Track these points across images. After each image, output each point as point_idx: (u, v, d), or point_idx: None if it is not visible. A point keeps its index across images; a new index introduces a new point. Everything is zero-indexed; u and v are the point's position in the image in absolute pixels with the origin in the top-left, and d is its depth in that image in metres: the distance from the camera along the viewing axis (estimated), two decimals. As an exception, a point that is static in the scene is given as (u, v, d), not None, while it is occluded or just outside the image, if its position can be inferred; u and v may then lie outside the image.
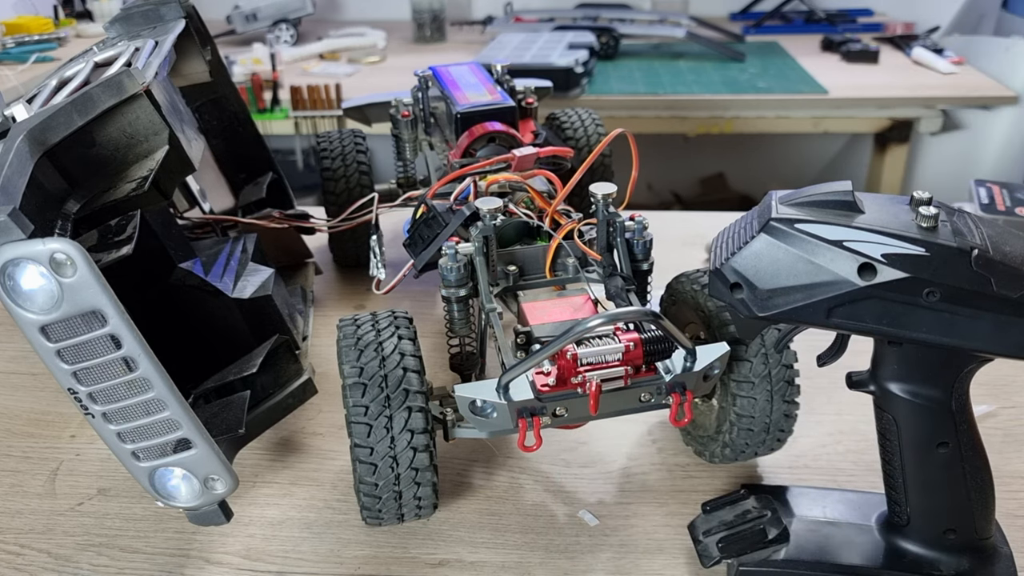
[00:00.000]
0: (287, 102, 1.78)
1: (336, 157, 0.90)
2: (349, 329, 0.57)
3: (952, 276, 0.42)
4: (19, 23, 2.11)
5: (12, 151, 0.46)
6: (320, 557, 0.60)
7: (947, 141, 1.89)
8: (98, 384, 0.47)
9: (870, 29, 2.25)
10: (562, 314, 0.59)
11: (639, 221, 0.62)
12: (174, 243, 0.67)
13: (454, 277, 0.60)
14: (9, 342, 0.87)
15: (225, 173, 0.93)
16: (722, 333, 0.58)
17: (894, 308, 0.43)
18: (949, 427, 0.49)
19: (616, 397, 0.53)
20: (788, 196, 0.47)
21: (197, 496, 0.53)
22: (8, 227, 0.42)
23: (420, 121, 0.89)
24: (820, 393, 0.74)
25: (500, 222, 0.62)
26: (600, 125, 0.95)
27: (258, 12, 2.18)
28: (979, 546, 0.53)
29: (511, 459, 0.68)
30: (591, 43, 1.90)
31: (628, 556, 0.59)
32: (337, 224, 0.86)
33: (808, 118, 1.78)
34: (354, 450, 0.53)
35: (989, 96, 1.75)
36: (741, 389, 0.58)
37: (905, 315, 0.43)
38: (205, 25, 0.80)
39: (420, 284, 0.91)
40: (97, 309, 0.45)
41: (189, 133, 0.66)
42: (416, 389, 0.54)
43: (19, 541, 0.62)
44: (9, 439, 0.73)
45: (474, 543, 0.61)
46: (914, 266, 0.42)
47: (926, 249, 0.42)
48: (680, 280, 0.63)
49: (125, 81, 0.55)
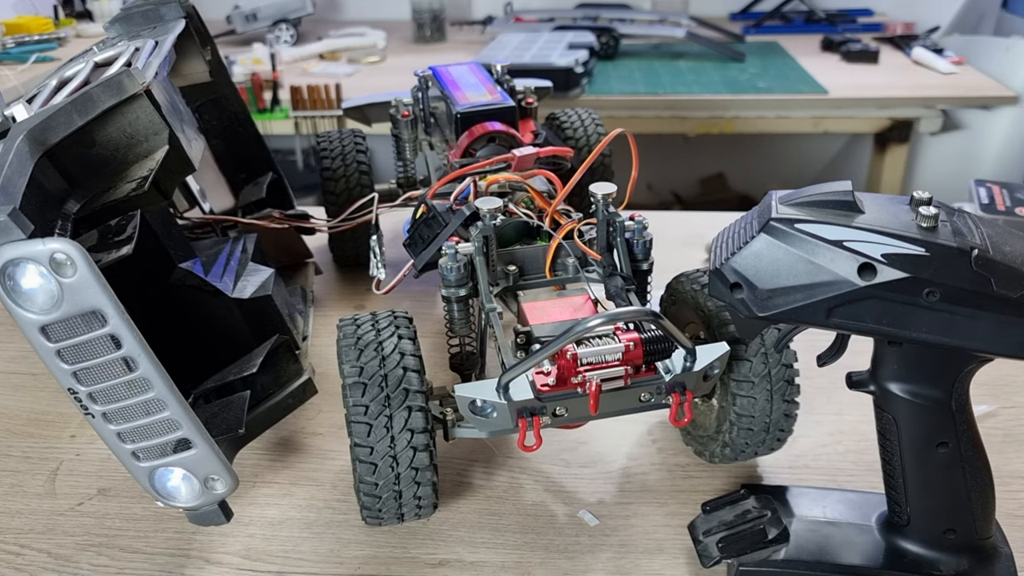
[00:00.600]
0: (287, 102, 1.78)
1: (336, 157, 0.90)
2: (349, 329, 0.57)
3: (952, 276, 0.42)
4: (19, 23, 2.11)
5: (12, 151, 0.46)
6: (320, 557, 0.60)
7: (947, 141, 1.89)
8: (98, 384, 0.47)
9: (870, 29, 2.25)
10: (562, 314, 0.59)
11: (639, 221, 0.62)
12: (174, 243, 0.67)
13: (454, 277, 0.60)
14: (9, 342, 0.87)
15: (225, 173, 0.93)
16: (722, 333, 0.58)
17: (894, 308, 0.43)
18: (949, 427, 0.49)
19: (616, 397, 0.53)
20: (788, 196, 0.47)
21: (197, 496, 0.53)
22: (8, 227, 0.42)
23: (420, 121, 0.89)
24: (820, 393, 0.74)
25: (500, 222, 0.62)
26: (600, 125, 0.95)
27: (258, 12, 2.18)
28: (979, 546, 0.53)
29: (511, 459, 0.68)
30: (591, 43, 1.90)
31: (628, 556, 0.59)
32: (337, 224, 0.86)
33: (808, 118, 1.78)
34: (354, 449, 0.53)
35: (989, 96, 1.75)
36: (741, 389, 0.58)
37: (905, 315, 0.43)
38: (205, 25, 0.80)
39: (420, 284, 0.91)
40: (97, 309, 0.45)
41: (189, 133, 0.66)
42: (416, 388, 0.54)
43: (19, 541, 0.62)
44: (9, 439, 0.73)
45: (474, 543, 0.61)
46: (914, 266, 0.42)
47: (926, 249, 0.42)
48: (680, 280, 0.63)
49: (125, 81, 0.55)
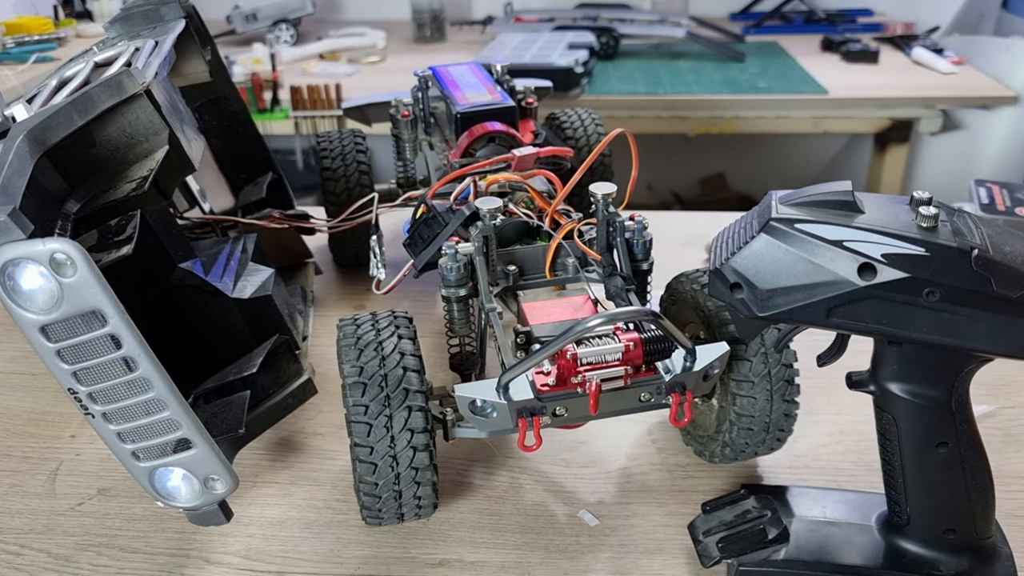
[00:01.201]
0: (287, 102, 1.78)
1: (336, 157, 0.90)
2: (349, 328, 0.57)
3: (952, 276, 0.42)
4: (19, 23, 2.11)
5: (12, 151, 0.46)
6: (320, 557, 0.60)
7: (947, 141, 1.89)
8: (98, 384, 0.47)
9: (870, 29, 2.25)
10: (562, 314, 0.59)
11: (639, 221, 0.62)
12: (174, 243, 0.67)
13: (454, 277, 0.60)
14: (9, 342, 0.87)
15: (225, 173, 0.93)
16: (722, 333, 0.58)
17: (894, 308, 0.43)
18: (949, 427, 0.49)
19: (616, 397, 0.53)
20: (788, 196, 0.47)
21: (197, 496, 0.53)
22: (8, 227, 0.42)
23: (420, 121, 0.89)
24: (820, 393, 0.74)
25: (500, 222, 0.62)
26: (600, 125, 0.95)
27: (258, 12, 2.18)
28: (979, 546, 0.53)
29: (511, 459, 0.68)
30: (591, 43, 1.90)
31: (628, 556, 0.59)
32: (337, 224, 0.86)
33: (808, 118, 1.77)
34: (354, 449, 0.53)
35: (989, 96, 1.75)
36: (741, 388, 0.58)
37: (905, 315, 0.43)
38: (205, 25, 0.80)
39: (420, 284, 0.91)
40: (97, 309, 0.45)
41: (189, 133, 0.66)
42: (416, 388, 0.54)
43: (19, 541, 0.62)
44: (9, 439, 0.73)
45: (474, 543, 0.61)
46: (914, 266, 0.42)
47: (926, 249, 0.42)
48: (680, 280, 0.63)
49: (125, 81, 0.55)
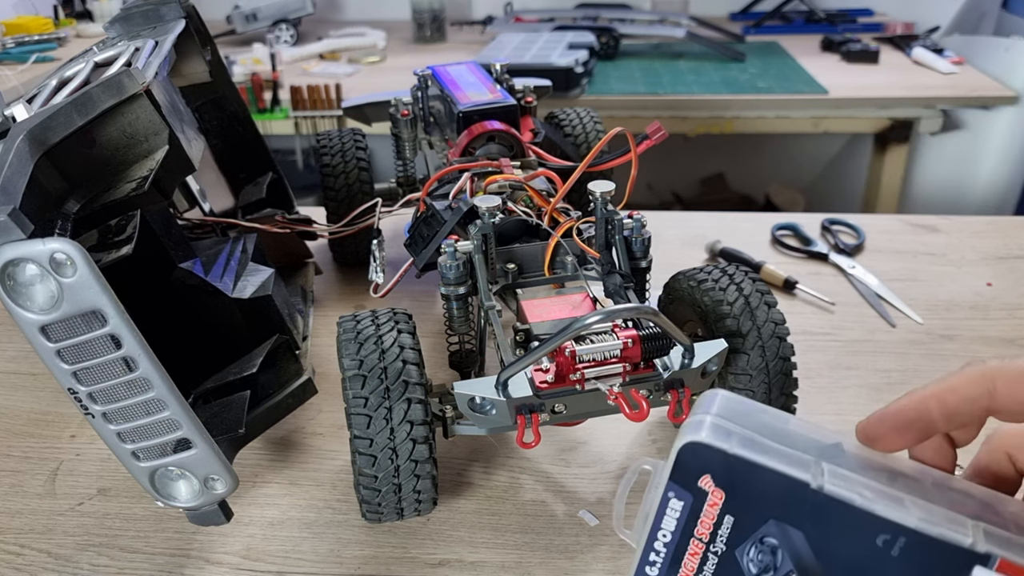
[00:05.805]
0: (287, 102, 1.78)
1: (336, 154, 0.90)
2: (349, 324, 0.57)
3: None
4: (19, 23, 2.11)
5: (12, 151, 0.46)
6: (320, 557, 0.60)
7: (947, 141, 1.89)
8: (98, 384, 0.47)
9: (870, 29, 2.25)
10: (561, 312, 0.59)
11: (637, 219, 0.62)
12: (174, 243, 0.66)
13: (453, 275, 0.60)
14: (9, 342, 0.87)
15: (225, 173, 0.93)
16: (719, 329, 0.58)
17: None
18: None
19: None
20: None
21: (197, 496, 0.53)
22: (8, 227, 0.42)
23: (420, 120, 0.89)
24: (820, 393, 0.74)
25: (499, 220, 0.62)
26: (599, 124, 0.96)
27: (258, 12, 2.18)
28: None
29: (511, 459, 0.68)
30: (591, 43, 1.90)
31: (628, 556, 0.59)
32: (339, 230, 0.86)
33: (808, 118, 1.78)
34: (353, 442, 0.53)
35: (989, 96, 1.75)
36: (739, 382, 0.58)
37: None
38: (205, 25, 0.80)
39: (420, 284, 0.91)
40: (97, 309, 0.45)
41: (189, 133, 0.66)
42: (415, 381, 0.54)
43: (19, 541, 0.62)
44: (9, 439, 0.73)
45: (474, 543, 0.61)
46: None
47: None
48: (677, 278, 0.63)
49: (125, 81, 0.55)
